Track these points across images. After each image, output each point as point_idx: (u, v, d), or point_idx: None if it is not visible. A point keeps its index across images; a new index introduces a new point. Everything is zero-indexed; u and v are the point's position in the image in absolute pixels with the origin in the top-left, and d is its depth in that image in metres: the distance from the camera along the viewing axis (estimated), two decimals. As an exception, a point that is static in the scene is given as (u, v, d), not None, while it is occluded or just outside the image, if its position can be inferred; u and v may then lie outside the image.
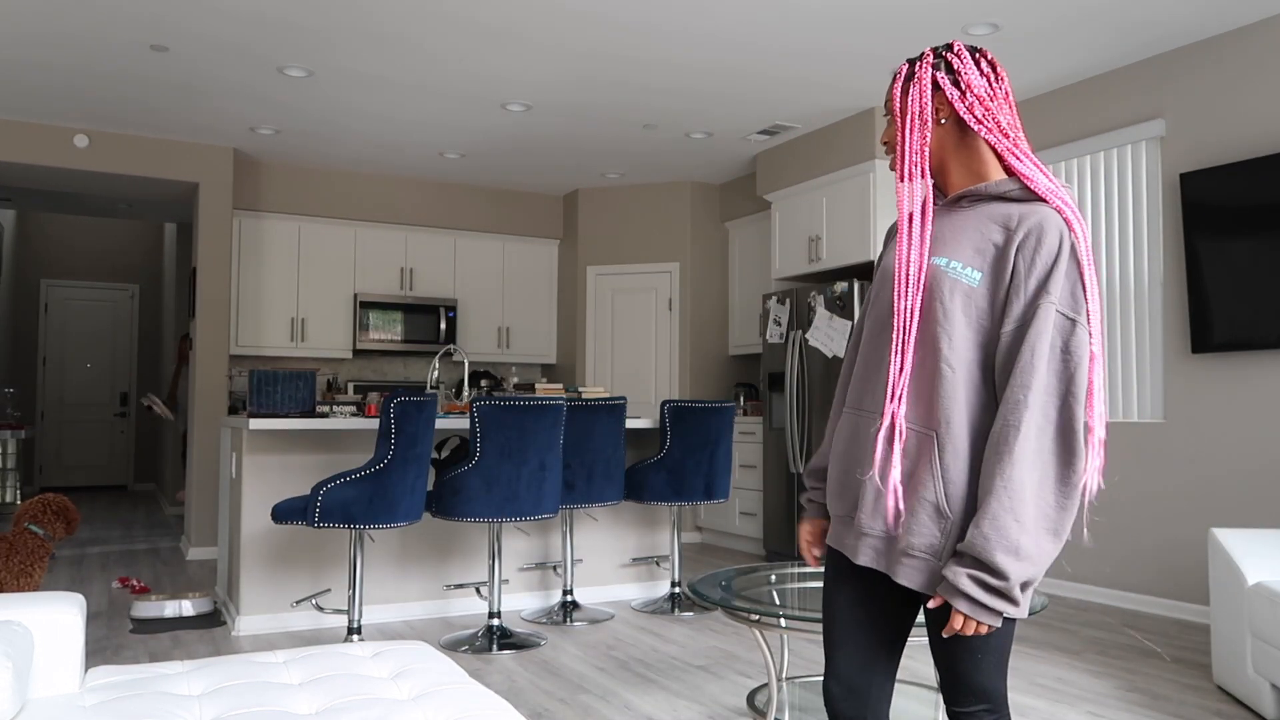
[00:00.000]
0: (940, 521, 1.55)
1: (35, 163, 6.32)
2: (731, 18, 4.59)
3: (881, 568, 1.61)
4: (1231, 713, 3.30)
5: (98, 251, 11.44)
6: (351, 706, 1.87)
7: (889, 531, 1.60)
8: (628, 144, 6.76)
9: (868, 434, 1.66)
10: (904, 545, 1.57)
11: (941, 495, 1.55)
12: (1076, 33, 4.74)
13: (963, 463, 1.55)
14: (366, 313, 7.51)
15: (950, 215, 1.68)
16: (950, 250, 1.62)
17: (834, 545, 1.72)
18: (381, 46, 4.98)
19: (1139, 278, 5.08)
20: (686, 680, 3.71)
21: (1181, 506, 4.82)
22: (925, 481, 1.56)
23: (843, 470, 1.71)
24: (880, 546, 1.61)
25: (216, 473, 6.67)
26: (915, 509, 1.56)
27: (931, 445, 1.56)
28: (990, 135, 1.64)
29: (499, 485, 4.09)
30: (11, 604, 2.00)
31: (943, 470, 1.55)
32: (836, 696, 1.69)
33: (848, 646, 1.68)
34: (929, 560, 1.56)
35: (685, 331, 7.69)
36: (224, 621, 4.64)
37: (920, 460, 1.57)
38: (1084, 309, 1.53)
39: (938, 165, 1.70)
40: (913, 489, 1.57)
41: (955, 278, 1.59)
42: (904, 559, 1.58)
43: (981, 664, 1.59)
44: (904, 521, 1.57)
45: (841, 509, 1.71)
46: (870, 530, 1.62)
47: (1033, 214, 1.59)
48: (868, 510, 1.61)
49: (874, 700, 1.68)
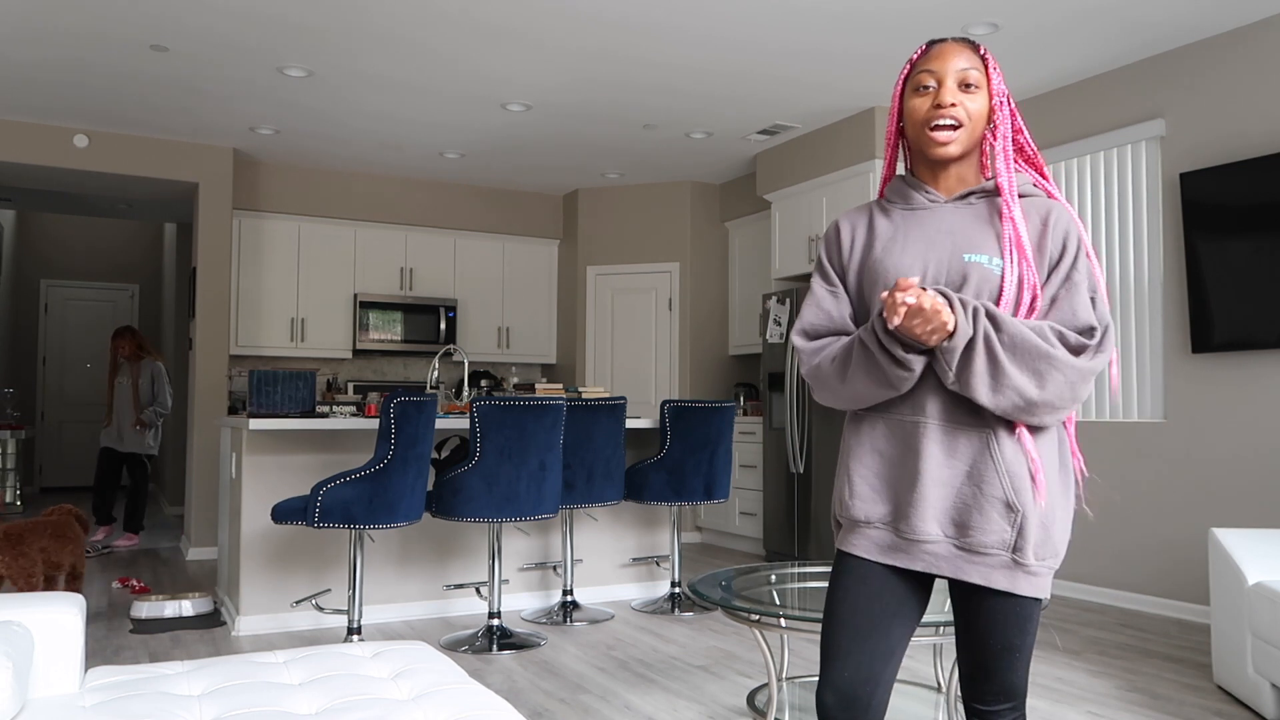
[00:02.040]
0: (1010, 516, 1.57)
1: (35, 163, 6.32)
2: (731, 18, 4.59)
3: (945, 572, 1.61)
4: (1231, 713, 3.30)
5: (98, 251, 11.44)
6: (351, 706, 1.87)
7: (947, 535, 1.60)
8: (628, 144, 6.76)
9: (911, 437, 1.63)
10: (974, 544, 1.58)
11: (1009, 490, 1.57)
12: (1076, 32, 4.74)
13: (1020, 455, 1.58)
14: (366, 313, 7.51)
15: (958, 210, 1.68)
16: (981, 246, 1.63)
17: (854, 552, 1.68)
18: (381, 46, 4.98)
19: (1139, 278, 5.08)
20: (686, 680, 3.71)
21: (1181, 506, 4.82)
22: (990, 479, 1.58)
23: (878, 475, 1.68)
24: (939, 550, 1.61)
25: (216, 473, 6.67)
26: (984, 507, 1.57)
27: (989, 440, 1.59)
28: (1020, 137, 1.70)
29: (499, 485, 4.09)
30: (11, 604, 2.00)
31: (1006, 465, 1.58)
32: (831, 706, 1.63)
33: (857, 655, 1.63)
34: (1001, 555, 1.57)
35: (685, 331, 7.69)
36: (224, 621, 4.64)
37: (980, 459, 1.59)
38: (1101, 286, 1.64)
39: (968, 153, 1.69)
40: (976, 487, 1.58)
41: (994, 271, 1.61)
42: (974, 558, 1.59)
43: (1016, 663, 1.61)
44: (973, 521, 1.58)
45: (878, 515, 1.67)
46: (927, 536, 1.61)
47: (1051, 205, 1.66)
48: (925, 515, 1.60)
49: (874, 710, 1.64)
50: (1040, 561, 1.58)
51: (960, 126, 1.63)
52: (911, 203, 1.71)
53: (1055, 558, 1.59)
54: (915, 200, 1.71)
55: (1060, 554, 1.60)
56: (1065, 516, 1.62)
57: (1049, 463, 1.60)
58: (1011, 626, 1.59)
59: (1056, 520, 1.59)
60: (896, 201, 1.74)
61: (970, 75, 1.63)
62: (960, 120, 1.63)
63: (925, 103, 1.64)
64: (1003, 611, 1.59)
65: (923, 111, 1.64)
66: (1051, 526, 1.58)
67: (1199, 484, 4.75)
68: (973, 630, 1.62)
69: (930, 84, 1.64)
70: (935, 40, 1.68)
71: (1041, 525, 1.57)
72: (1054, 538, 1.58)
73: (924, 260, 1.65)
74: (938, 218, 1.68)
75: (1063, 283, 1.60)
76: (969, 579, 1.59)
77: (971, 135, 1.65)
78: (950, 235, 1.65)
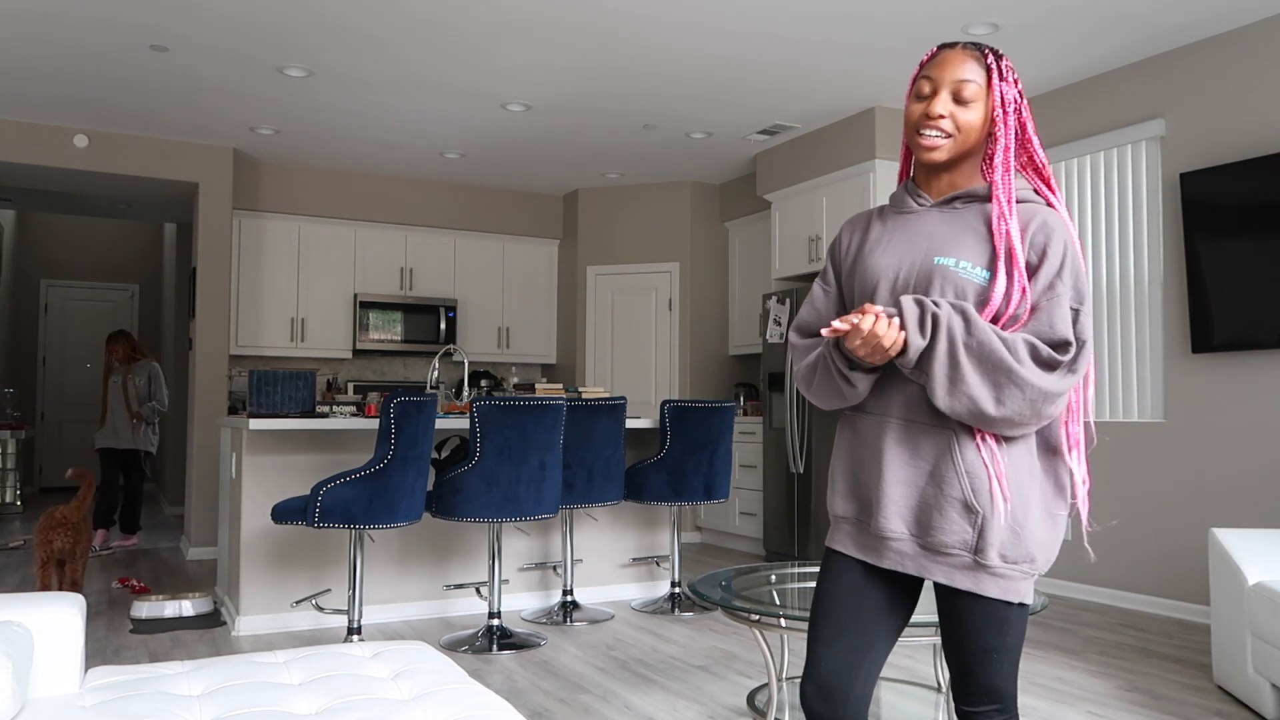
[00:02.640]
0: (970, 517, 1.57)
1: (35, 163, 6.32)
2: (732, 17, 4.59)
3: (911, 570, 1.62)
4: (1231, 713, 3.30)
5: (98, 251, 11.44)
6: (351, 706, 1.87)
7: (912, 534, 1.61)
8: (628, 144, 6.76)
9: (876, 436, 1.66)
10: (935, 544, 1.59)
11: (968, 491, 1.57)
12: (1077, 32, 4.74)
13: (980, 456, 1.58)
14: (366, 313, 7.51)
15: (943, 214, 1.68)
16: (955, 249, 1.63)
17: (835, 547, 1.73)
18: (381, 46, 4.98)
19: (1139, 278, 5.08)
20: (686, 680, 3.71)
21: (1181, 506, 4.82)
22: (950, 480, 1.58)
23: (850, 472, 1.72)
24: (905, 549, 1.62)
25: (216, 473, 6.67)
26: (944, 507, 1.58)
27: (950, 442, 1.59)
28: (1030, 145, 1.68)
29: (499, 485, 4.09)
30: (11, 604, 2.00)
31: (966, 466, 1.57)
32: (811, 697, 1.67)
33: (835, 647, 1.67)
34: (963, 555, 1.58)
35: (685, 331, 7.69)
36: (224, 621, 4.64)
37: (941, 460, 1.59)
38: (1087, 300, 1.61)
39: (960, 160, 1.69)
40: (937, 487, 1.59)
41: (967, 277, 1.60)
42: (937, 557, 1.59)
43: (997, 665, 1.60)
44: (933, 521, 1.59)
45: (851, 511, 1.71)
46: (892, 534, 1.62)
47: (1038, 212, 1.63)
48: (889, 514, 1.62)
49: (853, 702, 1.66)
50: (1010, 565, 1.56)
51: (949, 137, 1.63)
52: (904, 207, 1.74)
53: (1030, 563, 1.57)
54: (907, 205, 1.73)
55: (1037, 559, 1.58)
56: (1046, 522, 1.60)
57: (1017, 466, 1.58)
58: (987, 629, 1.59)
59: (1030, 525, 1.57)
60: (894, 207, 1.77)
61: (967, 88, 1.62)
62: (948, 131, 1.63)
63: (920, 109, 1.65)
64: (975, 613, 1.59)
65: (915, 117, 1.66)
66: (1022, 530, 1.56)
67: (1199, 484, 4.75)
68: (952, 631, 1.64)
69: (927, 91, 1.65)
70: (946, 45, 1.68)
71: (1009, 528, 1.56)
72: (1025, 542, 1.56)
73: (898, 262, 1.67)
74: (921, 221, 1.69)
75: (1044, 290, 1.58)
76: (934, 578, 1.60)
77: (961, 145, 1.64)
78: (928, 239, 1.66)
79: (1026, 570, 1.57)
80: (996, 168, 1.64)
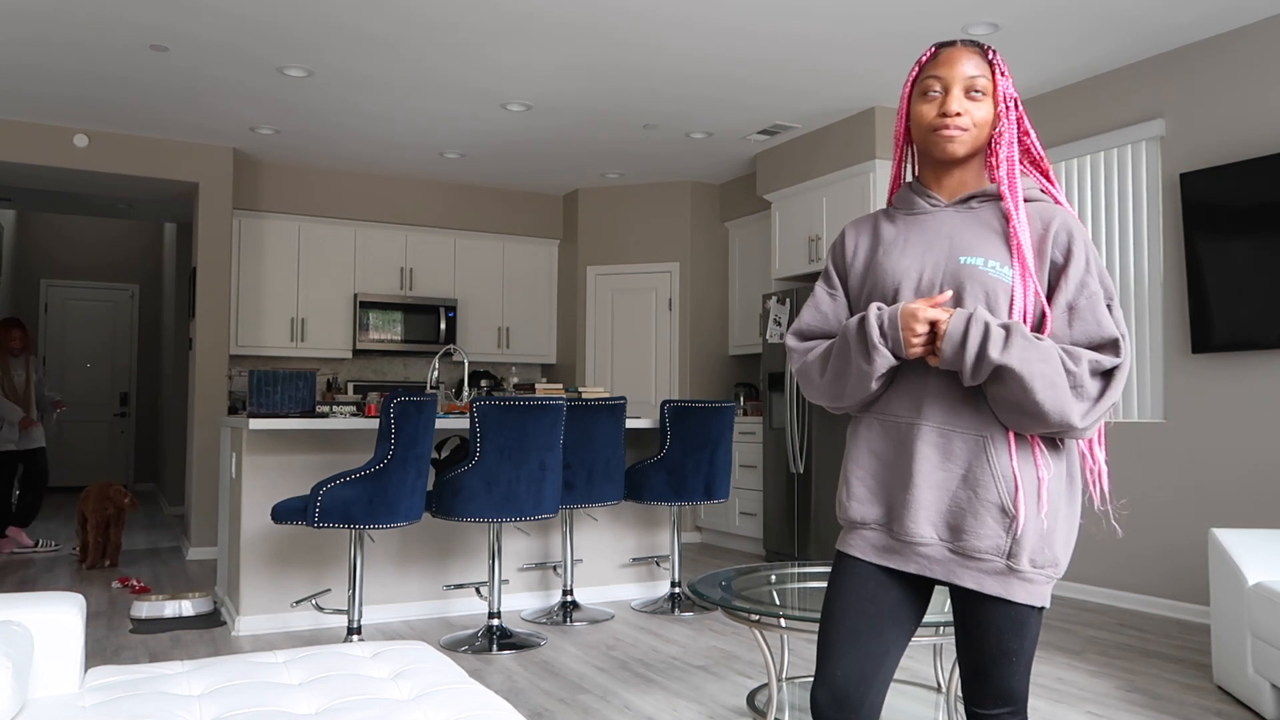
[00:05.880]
0: (1005, 521, 1.56)
1: (35, 163, 6.32)
2: (731, 17, 4.59)
3: (938, 575, 1.60)
4: (1231, 713, 3.30)
5: (98, 251, 11.43)
6: (351, 706, 1.87)
7: (941, 539, 1.60)
8: (628, 144, 6.76)
9: (905, 439, 1.64)
10: (967, 549, 1.57)
11: (1005, 495, 1.56)
12: (1077, 32, 4.74)
13: (1014, 461, 1.57)
14: (366, 313, 7.51)
15: (959, 214, 1.68)
16: (981, 249, 1.62)
17: (850, 553, 1.70)
18: (381, 46, 4.98)
19: (1139, 278, 5.08)
20: (686, 680, 3.71)
21: (1181, 506, 4.82)
22: (985, 484, 1.57)
23: (871, 476, 1.69)
24: (933, 554, 1.60)
25: (216, 473, 6.67)
26: (979, 511, 1.57)
27: (985, 445, 1.58)
28: (1027, 139, 1.70)
29: (499, 485, 4.09)
30: (11, 604, 2.00)
31: (1001, 469, 1.57)
32: (824, 704, 1.64)
33: (850, 654, 1.64)
34: (995, 561, 1.57)
35: (685, 331, 7.69)
36: (224, 621, 4.64)
37: (975, 463, 1.58)
38: (1115, 293, 1.63)
39: (972, 156, 1.70)
40: (971, 491, 1.58)
41: (996, 276, 1.60)
42: (968, 562, 1.58)
43: (1014, 668, 1.60)
44: (966, 525, 1.58)
45: (871, 516, 1.68)
46: (920, 538, 1.60)
47: (1056, 211, 1.65)
48: (918, 518, 1.60)
49: (868, 710, 1.64)
50: (1037, 570, 1.56)
51: (966, 132, 1.64)
52: (915, 208, 1.73)
53: (1055, 567, 1.57)
54: (918, 205, 1.72)
55: (1061, 564, 1.58)
56: (1069, 527, 1.61)
57: (1056, 471, 1.59)
58: (1008, 632, 1.58)
59: (1058, 530, 1.58)
60: (901, 208, 1.76)
61: (978, 82, 1.64)
62: (966, 128, 1.64)
63: (932, 109, 1.65)
64: (999, 617, 1.58)
65: (929, 118, 1.65)
66: (1052, 536, 1.57)
67: (1199, 484, 4.75)
68: (970, 634, 1.62)
69: (937, 90, 1.65)
70: (943, 44, 1.68)
71: (1040, 534, 1.56)
72: (1054, 547, 1.57)
73: (920, 263, 1.66)
74: (938, 221, 1.69)
75: (1079, 290, 1.58)
76: (962, 583, 1.58)
77: (976, 140, 1.66)
78: (949, 239, 1.65)
79: (1052, 574, 1.58)
80: (1003, 163, 1.65)
